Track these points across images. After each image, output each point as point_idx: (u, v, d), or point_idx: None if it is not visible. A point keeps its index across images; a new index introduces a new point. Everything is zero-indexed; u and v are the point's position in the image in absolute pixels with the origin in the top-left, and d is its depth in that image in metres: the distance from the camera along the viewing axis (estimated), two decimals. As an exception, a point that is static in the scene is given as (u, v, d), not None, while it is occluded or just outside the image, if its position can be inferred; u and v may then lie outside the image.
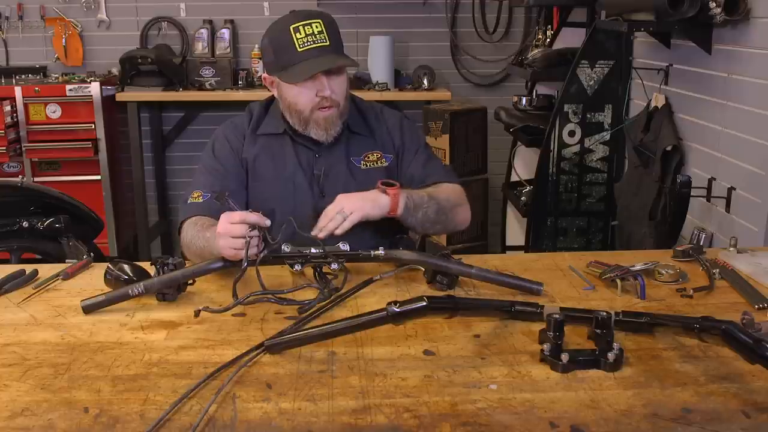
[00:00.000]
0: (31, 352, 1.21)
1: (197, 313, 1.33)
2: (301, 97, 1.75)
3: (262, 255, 1.42)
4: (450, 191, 1.82)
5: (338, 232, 1.58)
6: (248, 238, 1.39)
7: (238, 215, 1.41)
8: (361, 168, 1.84)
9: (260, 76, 4.31)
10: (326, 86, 1.72)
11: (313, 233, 1.58)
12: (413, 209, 1.70)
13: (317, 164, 1.83)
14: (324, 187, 1.81)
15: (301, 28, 1.70)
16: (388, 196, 1.66)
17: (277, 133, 1.84)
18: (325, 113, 1.75)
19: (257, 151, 1.83)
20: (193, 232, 1.65)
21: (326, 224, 1.59)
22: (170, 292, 1.42)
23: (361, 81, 4.11)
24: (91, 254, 2.22)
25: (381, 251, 1.51)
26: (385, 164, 1.86)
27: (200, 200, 1.72)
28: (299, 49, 1.69)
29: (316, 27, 1.70)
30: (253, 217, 1.41)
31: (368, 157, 1.85)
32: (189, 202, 1.75)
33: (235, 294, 1.38)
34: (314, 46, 1.69)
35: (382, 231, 1.80)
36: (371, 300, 1.43)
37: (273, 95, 1.86)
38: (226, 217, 1.43)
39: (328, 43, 1.70)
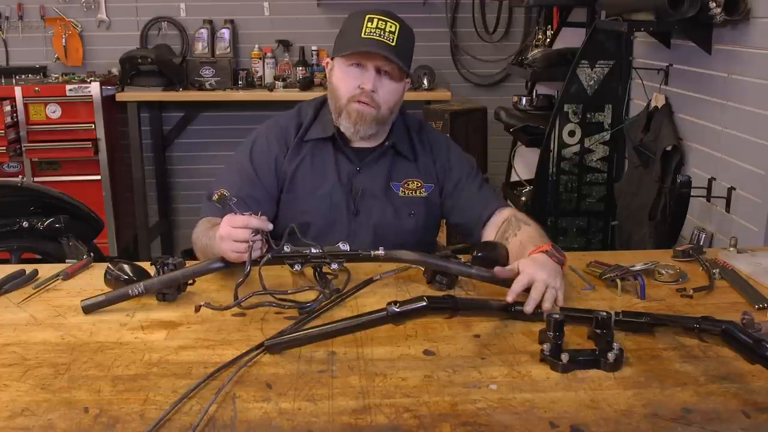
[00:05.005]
0: (31, 352, 1.21)
1: (198, 309, 1.33)
2: (343, 83, 1.71)
3: (264, 260, 1.42)
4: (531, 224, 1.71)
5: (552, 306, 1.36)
6: (251, 243, 1.38)
7: (241, 219, 1.40)
8: (399, 195, 1.80)
9: (260, 76, 4.32)
10: (371, 81, 1.68)
11: (527, 308, 1.33)
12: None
13: (356, 180, 1.78)
14: (359, 205, 1.78)
15: (375, 20, 1.68)
16: (555, 262, 1.44)
17: (325, 137, 1.79)
18: (360, 107, 1.70)
19: (299, 161, 1.78)
20: (201, 229, 1.65)
21: (546, 305, 1.37)
22: (170, 292, 1.42)
23: (361, 81, 4.11)
24: (91, 254, 2.22)
25: (381, 251, 1.50)
26: (424, 194, 1.81)
27: (215, 201, 1.69)
28: (362, 36, 1.67)
29: (390, 26, 1.68)
30: (256, 221, 1.39)
31: (408, 185, 1.81)
32: (213, 199, 1.72)
33: (236, 296, 1.37)
34: (378, 38, 1.66)
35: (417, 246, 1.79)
36: (371, 300, 1.43)
37: (325, 95, 1.82)
38: (228, 220, 1.42)
39: (394, 44, 1.67)
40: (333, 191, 1.77)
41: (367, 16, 1.68)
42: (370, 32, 1.67)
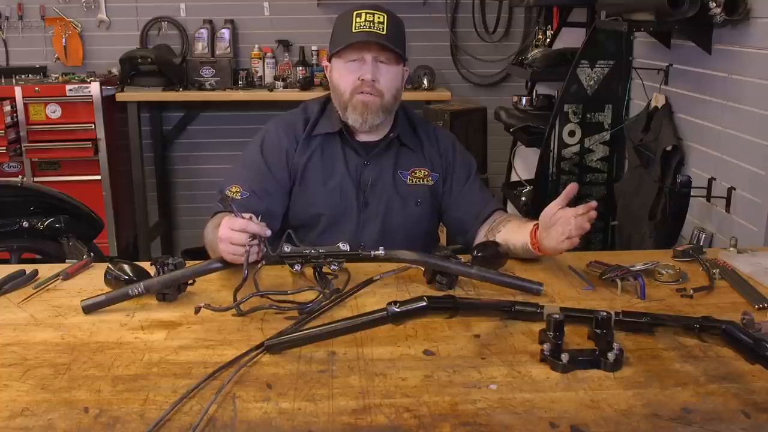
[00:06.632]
0: (31, 352, 1.21)
1: (197, 310, 1.33)
2: (343, 78, 1.75)
3: (260, 266, 1.42)
4: None
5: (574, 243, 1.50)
6: (248, 247, 1.39)
7: (240, 223, 1.40)
8: (407, 183, 1.83)
9: (260, 76, 4.32)
10: (369, 70, 1.71)
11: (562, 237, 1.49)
12: None
13: (365, 172, 1.82)
14: (368, 197, 1.81)
15: (363, 14, 1.72)
16: None
17: (332, 132, 1.82)
18: (364, 98, 1.73)
19: (309, 155, 1.81)
20: (211, 225, 1.66)
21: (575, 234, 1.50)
22: (170, 292, 1.42)
23: (361, 81, 4.12)
24: (91, 254, 2.23)
25: (381, 251, 1.51)
26: (431, 183, 1.85)
27: (238, 197, 1.71)
28: (353, 30, 1.71)
29: (378, 17, 1.72)
30: (254, 226, 1.40)
31: (415, 173, 1.84)
32: (225, 194, 1.73)
33: (236, 299, 1.37)
34: (368, 30, 1.70)
35: (427, 244, 1.83)
36: (371, 300, 1.43)
37: (329, 94, 1.86)
38: (228, 223, 1.42)
39: (384, 32, 1.71)
40: (343, 183, 1.80)
41: (355, 12, 1.72)
42: (360, 26, 1.71)
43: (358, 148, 1.82)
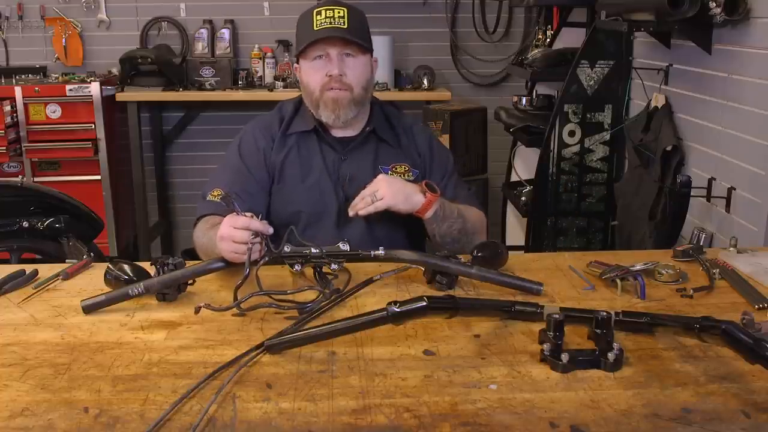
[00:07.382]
0: (31, 352, 1.21)
1: (197, 310, 1.33)
2: (311, 77, 1.76)
3: (262, 262, 1.42)
4: (476, 217, 1.84)
5: (362, 213, 1.66)
6: (250, 245, 1.39)
7: (242, 221, 1.41)
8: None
9: (260, 76, 4.32)
10: (335, 65, 1.73)
11: (350, 212, 1.69)
12: (441, 219, 1.73)
13: (342, 167, 1.82)
14: (349, 192, 1.80)
15: (323, 11, 1.73)
16: (423, 199, 1.69)
17: (307, 130, 1.83)
18: (334, 94, 1.75)
19: (286, 152, 1.82)
20: (202, 229, 1.67)
21: (359, 204, 1.66)
22: (170, 292, 1.42)
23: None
24: (91, 254, 2.23)
25: (381, 251, 1.51)
26: (411, 178, 1.84)
27: (218, 199, 1.72)
28: (315, 29, 1.73)
29: (338, 12, 1.73)
30: (257, 224, 1.41)
31: (396, 168, 1.84)
32: (208, 199, 1.74)
33: (236, 298, 1.37)
34: (329, 26, 1.72)
35: (414, 236, 1.83)
36: (371, 300, 1.43)
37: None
38: (230, 221, 1.43)
39: (345, 26, 1.72)
40: (321, 180, 1.81)
41: (315, 11, 1.75)
42: (321, 23, 1.73)
43: (334, 144, 1.83)
